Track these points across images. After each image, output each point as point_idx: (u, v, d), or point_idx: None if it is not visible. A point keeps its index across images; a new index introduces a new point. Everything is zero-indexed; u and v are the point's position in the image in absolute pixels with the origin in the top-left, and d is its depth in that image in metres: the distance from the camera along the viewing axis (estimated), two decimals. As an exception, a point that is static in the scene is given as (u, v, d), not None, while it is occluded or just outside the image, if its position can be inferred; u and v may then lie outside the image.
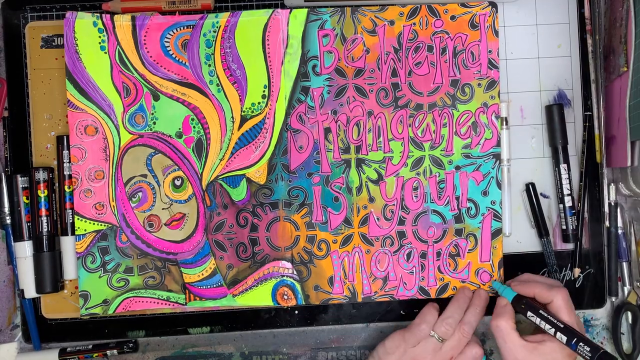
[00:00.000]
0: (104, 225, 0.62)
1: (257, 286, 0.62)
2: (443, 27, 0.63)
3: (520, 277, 0.62)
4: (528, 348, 0.55)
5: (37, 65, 0.63)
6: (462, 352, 0.58)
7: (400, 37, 0.63)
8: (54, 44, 0.63)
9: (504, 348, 0.56)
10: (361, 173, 0.63)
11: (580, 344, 0.52)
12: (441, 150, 0.63)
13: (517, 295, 0.59)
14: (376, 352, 0.61)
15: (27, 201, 0.61)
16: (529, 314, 0.57)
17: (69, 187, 0.62)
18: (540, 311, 0.56)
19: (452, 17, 0.63)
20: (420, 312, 0.60)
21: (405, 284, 0.63)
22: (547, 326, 0.55)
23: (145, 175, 0.62)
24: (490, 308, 0.60)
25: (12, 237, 0.62)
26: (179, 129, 0.62)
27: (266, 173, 0.62)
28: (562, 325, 0.54)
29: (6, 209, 0.62)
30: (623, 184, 0.64)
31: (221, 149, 0.62)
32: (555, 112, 0.64)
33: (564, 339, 0.53)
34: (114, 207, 0.62)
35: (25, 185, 0.61)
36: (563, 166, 0.63)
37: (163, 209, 0.62)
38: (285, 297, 0.63)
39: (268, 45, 0.62)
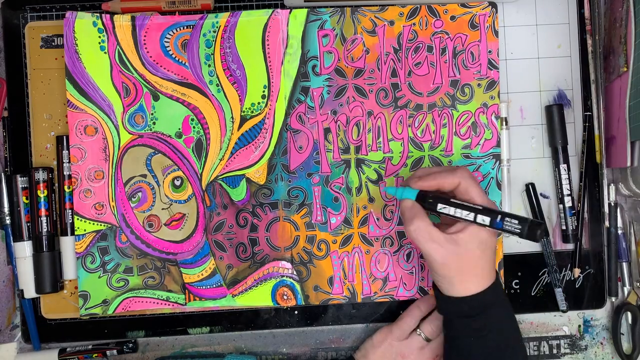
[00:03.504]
0: (104, 226, 0.62)
1: (256, 286, 0.62)
2: (443, 27, 0.63)
3: (415, 173, 0.55)
4: (452, 240, 0.51)
5: (36, 65, 0.63)
6: None
7: (400, 37, 0.63)
8: (53, 44, 0.63)
9: (429, 248, 0.51)
10: (361, 173, 0.63)
11: (507, 219, 0.47)
12: (441, 151, 0.63)
13: (419, 192, 0.53)
14: (363, 346, 0.62)
15: (26, 201, 0.61)
16: (440, 206, 0.51)
17: (69, 187, 0.62)
18: (452, 200, 0.51)
19: (452, 18, 0.63)
20: (409, 307, 0.62)
21: (405, 284, 0.63)
22: (465, 212, 0.50)
23: (145, 175, 0.62)
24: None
25: (11, 237, 0.62)
26: (179, 129, 0.62)
27: (266, 173, 0.62)
28: (480, 207, 0.49)
29: (6, 209, 0.62)
30: (623, 184, 0.64)
31: (221, 149, 0.62)
32: (555, 113, 0.64)
33: (487, 220, 0.49)
34: (113, 207, 0.62)
35: (25, 185, 0.61)
36: (563, 166, 0.63)
37: (163, 209, 0.62)
38: (285, 297, 0.63)
39: (268, 45, 0.62)
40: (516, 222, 0.47)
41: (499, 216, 0.48)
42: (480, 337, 0.52)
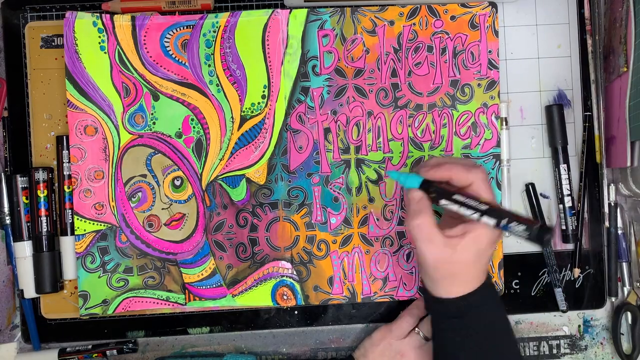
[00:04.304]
0: (104, 225, 0.62)
1: (256, 286, 0.62)
2: (443, 27, 0.63)
3: (428, 161, 0.53)
4: (451, 245, 0.49)
5: (36, 65, 0.63)
6: None
7: (400, 37, 0.63)
8: (53, 44, 0.63)
9: (425, 249, 0.49)
10: (361, 173, 0.63)
11: (514, 223, 0.45)
12: (441, 151, 0.63)
13: (423, 181, 0.50)
14: (362, 344, 0.62)
15: (26, 201, 0.61)
16: (443, 201, 0.49)
17: (69, 187, 0.62)
18: (455, 196, 0.48)
19: (452, 18, 0.63)
20: (409, 307, 0.62)
21: (405, 284, 0.63)
22: (468, 212, 0.47)
23: (144, 175, 0.62)
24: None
25: (11, 237, 0.62)
26: (179, 129, 0.62)
27: (266, 173, 0.62)
28: (485, 208, 0.47)
29: (6, 209, 0.62)
30: (623, 184, 0.64)
31: (221, 149, 0.62)
32: (555, 113, 0.64)
33: (492, 222, 0.46)
34: (113, 207, 0.62)
35: (25, 185, 0.61)
36: (563, 166, 0.63)
37: (163, 209, 0.62)
38: (285, 297, 0.63)
39: (268, 45, 0.62)
40: (523, 227, 0.45)
41: (507, 219, 0.46)
42: (466, 337, 0.51)
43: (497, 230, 0.48)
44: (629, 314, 0.64)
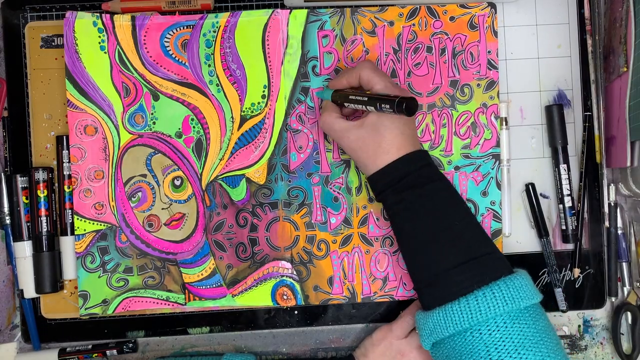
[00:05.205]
0: (104, 225, 0.62)
1: (256, 286, 0.62)
2: (442, 27, 0.63)
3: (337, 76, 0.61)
4: (357, 125, 0.55)
5: (36, 65, 0.63)
6: None
7: (399, 37, 0.63)
8: (53, 44, 0.63)
9: (338, 136, 0.56)
10: (361, 173, 0.63)
11: (382, 105, 0.51)
12: (440, 151, 0.63)
13: (334, 92, 0.58)
14: (363, 344, 0.62)
15: (26, 201, 0.61)
16: (346, 104, 0.56)
17: (69, 187, 0.62)
18: (350, 96, 0.55)
19: (452, 18, 0.63)
20: (409, 306, 0.62)
21: (405, 284, 0.63)
22: (359, 106, 0.54)
23: (144, 175, 0.62)
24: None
25: (11, 237, 0.62)
26: (179, 129, 0.62)
27: (266, 173, 0.63)
28: (365, 98, 0.53)
29: (6, 209, 0.62)
30: (623, 184, 0.64)
31: (221, 149, 0.62)
32: (555, 113, 0.64)
33: (372, 108, 0.53)
34: (113, 207, 0.62)
35: (25, 185, 0.61)
36: (563, 166, 0.63)
37: (163, 208, 0.62)
38: (285, 297, 0.63)
39: (268, 45, 0.62)
40: (387, 106, 0.50)
41: (377, 103, 0.52)
42: (405, 205, 0.53)
43: (381, 111, 0.53)
44: (629, 314, 0.64)
